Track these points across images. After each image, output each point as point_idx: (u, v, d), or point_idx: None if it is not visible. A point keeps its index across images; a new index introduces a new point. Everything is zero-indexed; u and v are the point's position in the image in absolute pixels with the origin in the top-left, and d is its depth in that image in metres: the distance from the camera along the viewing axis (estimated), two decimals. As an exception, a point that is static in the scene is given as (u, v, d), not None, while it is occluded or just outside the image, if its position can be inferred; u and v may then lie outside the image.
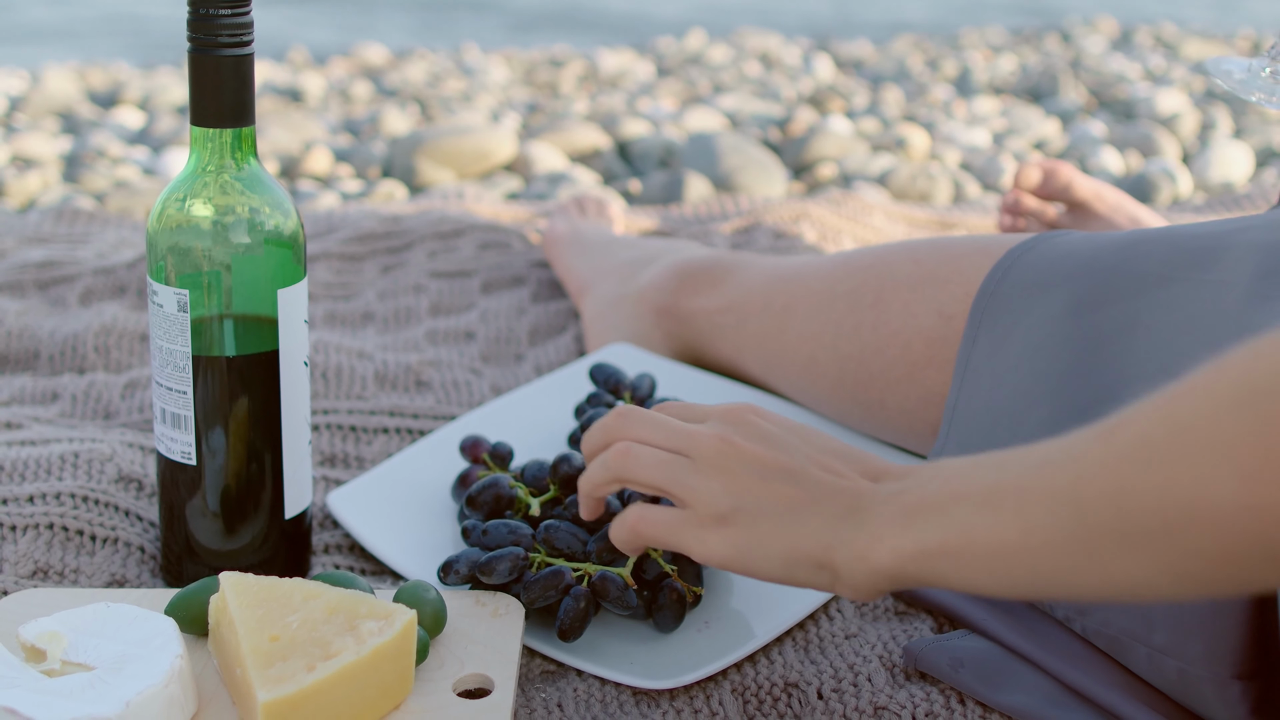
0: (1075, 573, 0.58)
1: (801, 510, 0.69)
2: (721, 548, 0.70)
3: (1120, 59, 3.11)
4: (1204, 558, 0.53)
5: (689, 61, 3.13)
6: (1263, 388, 0.50)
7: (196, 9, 0.83)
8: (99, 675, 0.71)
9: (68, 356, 1.27)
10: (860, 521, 0.67)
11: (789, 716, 0.81)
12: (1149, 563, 0.55)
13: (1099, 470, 0.56)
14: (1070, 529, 0.57)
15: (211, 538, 0.90)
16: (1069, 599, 0.61)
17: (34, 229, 1.64)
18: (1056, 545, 0.58)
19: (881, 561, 0.65)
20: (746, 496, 0.70)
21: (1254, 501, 0.50)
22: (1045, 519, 0.58)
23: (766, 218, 1.64)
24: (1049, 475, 0.59)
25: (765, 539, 0.69)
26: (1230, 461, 0.51)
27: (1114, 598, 0.59)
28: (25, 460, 1.02)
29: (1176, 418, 0.53)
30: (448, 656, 0.79)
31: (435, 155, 2.04)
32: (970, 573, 0.62)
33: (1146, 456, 0.54)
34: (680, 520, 0.72)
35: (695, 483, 0.71)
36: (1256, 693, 0.71)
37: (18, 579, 0.91)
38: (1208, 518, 0.52)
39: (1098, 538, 0.56)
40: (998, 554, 0.61)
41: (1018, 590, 0.62)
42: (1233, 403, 0.51)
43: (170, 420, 0.88)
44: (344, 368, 1.23)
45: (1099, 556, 0.57)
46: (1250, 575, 0.53)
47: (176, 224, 0.86)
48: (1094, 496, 0.56)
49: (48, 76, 2.68)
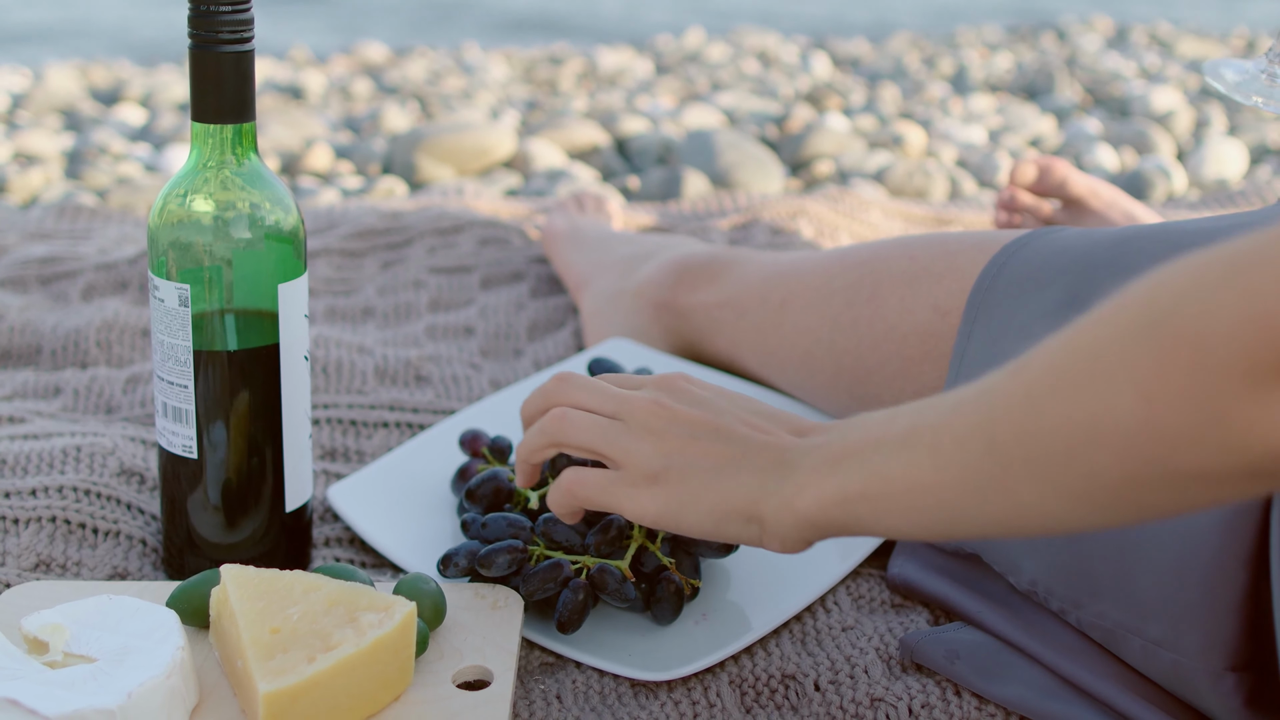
0: (987, 506, 0.60)
1: (730, 466, 0.72)
2: (653, 505, 0.73)
3: (1115, 57, 3.10)
4: (1106, 482, 0.55)
5: (687, 59, 3.13)
6: (1162, 312, 0.52)
7: (198, 6, 0.83)
8: (101, 667, 0.71)
9: (70, 351, 1.27)
10: (786, 473, 0.69)
11: (786, 708, 0.81)
12: (1055, 490, 0.57)
13: (1009, 400, 0.58)
14: (981, 462, 0.59)
15: (213, 531, 0.90)
16: (981, 535, 0.63)
17: (36, 225, 1.64)
18: (968, 479, 0.60)
19: (806, 509, 0.68)
20: (677, 455, 0.73)
21: (1153, 422, 0.52)
22: (958, 454, 0.60)
23: (764, 214, 1.64)
24: (963, 413, 0.61)
25: (695, 495, 0.72)
26: (1131, 383, 0.52)
27: (1024, 530, 0.60)
28: (28, 454, 1.02)
29: (1082, 345, 0.55)
30: (447, 648, 0.79)
31: (435, 152, 2.04)
32: (889, 515, 0.65)
33: (1053, 382, 0.56)
34: (613, 480, 0.75)
35: (628, 444, 0.74)
36: (1250, 685, 0.71)
37: (20, 571, 0.91)
38: (1110, 439, 0.53)
39: (1007, 467, 0.58)
40: (913, 493, 0.63)
41: (935, 530, 0.64)
42: (1134, 327, 0.53)
43: (172, 414, 0.88)
44: (344, 362, 1.23)
45: (1008, 486, 0.58)
46: (1149, 499, 0.54)
47: (178, 219, 0.86)
48: (1004, 426, 0.58)
49: (50, 74, 2.68)
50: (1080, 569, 0.78)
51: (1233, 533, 0.69)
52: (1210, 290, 0.50)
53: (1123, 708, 0.75)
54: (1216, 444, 0.51)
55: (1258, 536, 0.69)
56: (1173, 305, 0.51)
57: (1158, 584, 0.73)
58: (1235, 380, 0.49)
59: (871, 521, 0.66)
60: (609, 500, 0.75)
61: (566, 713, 0.80)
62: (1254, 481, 0.52)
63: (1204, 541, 0.70)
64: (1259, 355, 0.49)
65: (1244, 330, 0.49)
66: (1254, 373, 0.49)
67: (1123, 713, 0.75)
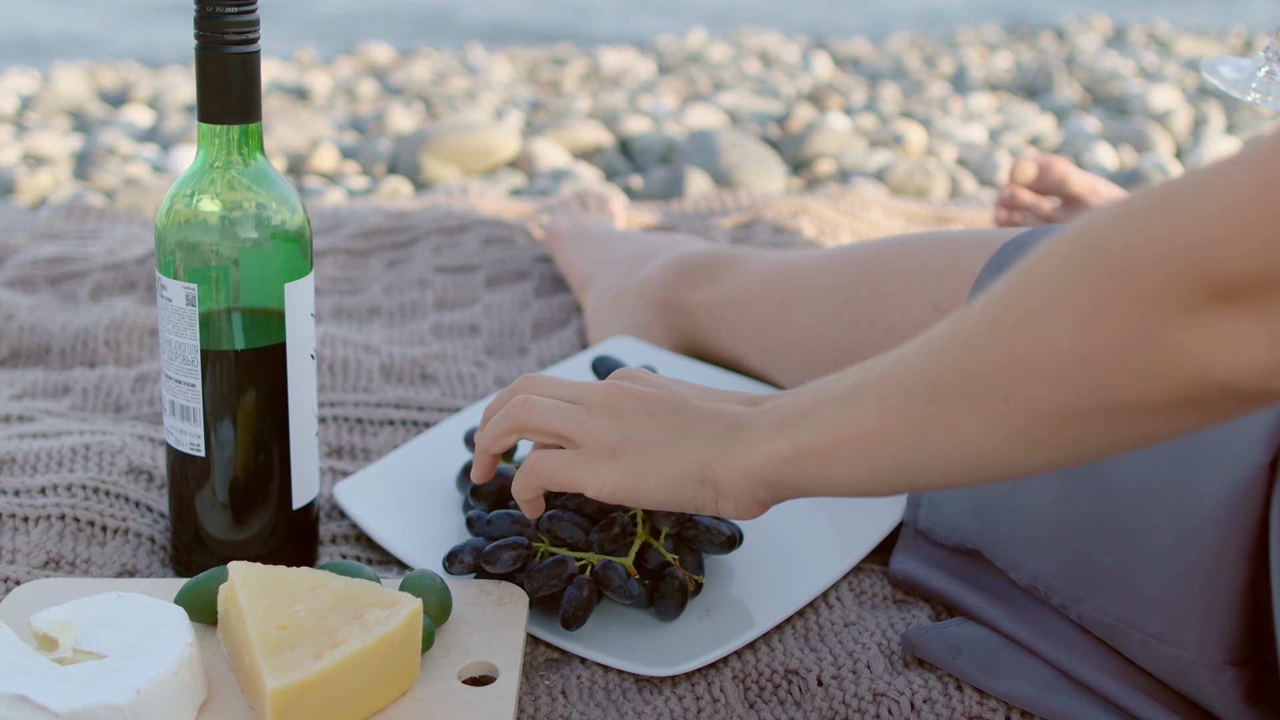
0: (930, 449, 0.61)
1: (684, 433, 0.74)
2: (612, 478, 0.75)
3: (1114, 56, 3.10)
4: (1043, 416, 0.56)
5: (689, 60, 3.13)
6: (1096, 245, 0.53)
7: (204, 7, 0.83)
8: (110, 663, 0.71)
9: (79, 351, 1.27)
10: (739, 436, 0.71)
11: (789, 703, 0.81)
12: (994, 428, 0.58)
13: (951, 342, 0.60)
14: (925, 405, 0.61)
15: (220, 528, 0.90)
16: (926, 484, 0.64)
17: (45, 225, 1.64)
18: (912, 424, 0.62)
19: (758, 468, 0.70)
20: (633, 429, 0.75)
21: (1088, 351, 0.53)
22: (902, 400, 0.62)
23: (766, 213, 1.64)
24: (907, 362, 0.62)
25: (652, 464, 0.74)
26: (1068, 315, 0.53)
27: (967, 474, 0.62)
28: (37, 452, 1.02)
29: (1019, 284, 0.56)
30: (453, 644, 0.79)
31: (440, 152, 2.04)
32: (838, 468, 0.66)
33: (994, 318, 0.57)
34: (574, 457, 0.77)
35: (588, 423, 0.76)
36: (1250, 679, 0.71)
37: (30, 569, 0.91)
38: (1047, 372, 0.55)
39: (950, 408, 0.59)
40: (861, 442, 0.64)
41: (882, 480, 0.65)
42: (1069, 260, 0.54)
43: (179, 413, 0.88)
44: (350, 361, 1.23)
45: (951, 427, 0.60)
46: (1084, 433, 0.56)
47: (185, 219, 0.86)
48: (946, 369, 0.59)
49: (58, 76, 2.68)
50: (1081, 565, 0.78)
51: (1232, 528, 0.69)
52: (1142, 222, 0.52)
53: (1123, 702, 0.75)
54: (1148, 371, 0.52)
55: (1257, 531, 0.69)
56: (1106, 238, 0.53)
57: (1158, 579, 0.73)
58: (1166, 307, 0.51)
59: (822, 476, 0.67)
60: (569, 477, 0.76)
61: (571, 708, 0.80)
62: (1184, 412, 0.53)
63: (1204, 536, 0.70)
64: (1188, 282, 0.50)
65: (1173, 258, 0.50)
66: (1183, 299, 0.50)
67: (1123, 707, 0.75)
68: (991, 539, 0.85)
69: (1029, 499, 0.82)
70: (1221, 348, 0.50)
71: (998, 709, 0.79)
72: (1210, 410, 0.53)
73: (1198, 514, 0.71)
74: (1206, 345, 0.50)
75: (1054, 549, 0.80)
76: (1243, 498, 0.69)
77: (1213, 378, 0.51)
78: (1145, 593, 0.74)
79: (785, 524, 0.95)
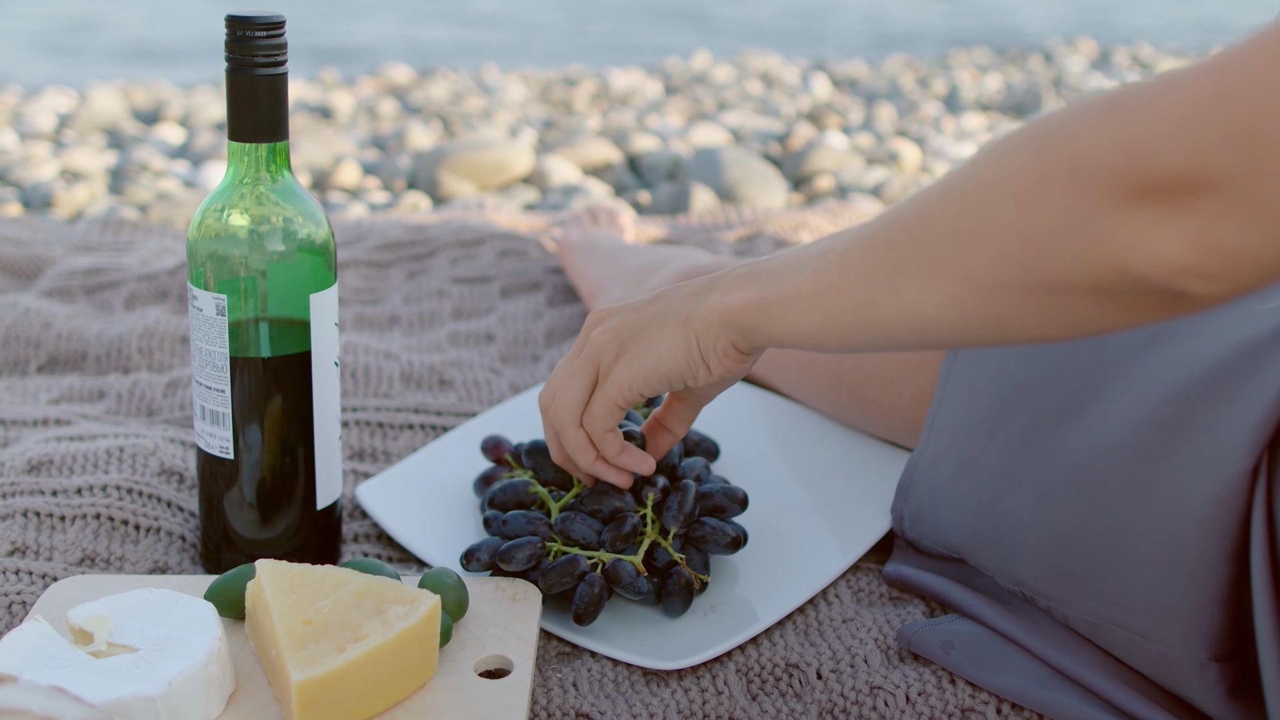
0: (877, 306, 0.65)
1: (668, 307, 0.78)
2: (623, 372, 0.79)
3: (1099, 77, 3.10)
4: (977, 286, 0.59)
5: (695, 80, 3.13)
6: (1048, 133, 0.55)
7: (234, 31, 0.83)
8: (143, 656, 0.71)
9: (113, 357, 1.27)
10: (713, 288, 0.76)
11: (790, 695, 0.81)
12: (934, 292, 0.61)
13: (909, 210, 0.63)
14: (879, 263, 0.64)
15: (248, 527, 0.90)
16: (871, 341, 0.68)
17: (81, 238, 1.64)
18: (865, 278, 0.65)
19: (729, 310, 0.74)
20: (627, 329, 0.80)
21: (1026, 228, 0.55)
22: (862, 259, 0.66)
23: (768, 227, 1.64)
24: (870, 227, 0.66)
25: (648, 344, 0.78)
26: (1013, 192, 0.56)
27: (908, 334, 0.65)
28: (74, 455, 1.02)
29: (978, 161, 0.59)
30: (469, 639, 0.79)
31: (457, 168, 2.04)
32: (800, 316, 0.70)
33: (948, 189, 0.60)
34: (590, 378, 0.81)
35: (594, 350, 0.81)
36: (1233, 674, 0.71)
37: (67, 566, 0.91)
38: (986, 244, 0.57)
39: (899, 267, 0.63)
40: (819, 296, 0.68)
41: (837, 331, 0.68)
42: (1022, 144, 0.56)
43: (209, 417, 0.88)
44: (372, 368, 1.23)
45: (897, 286, 0.63)
46: (1013, 308, 0.58)
47: (215, 233, 0.86)
48: (903, 233, 0.63)
49: (94, 95, 2.68)
50: (1066, 568, 0.78)
51: (1216, 529, 0.69)
52: (1092, 115, 0.53)
53: (1110, 696, 0.75)
54: (1074, 255, 0.54)
55: (1240, 532, 0.68)
56: (1059, 127, 0.55)
57: (1144, 579, 0.73)
58: (1100, 196, 0.53)
59: (784, 324, 0.71)
60: (597, 396, 0.81)
61: (582, 699, 0.80)
62: (1101, 300, 0.55)
63: (1189, 538, 0.70)
64: (1123, 175, 0.52)
65: (1113, 151, 0.52)
66: (1116, 191, 0.52)
67: (1110, 700, 0.75)
68: (974, 548, 0.85)
69: (1011, 509, 0.81)
70: (1143, 242, 0.52)
71: (989, 702, 0.78)
72: (1125, 303, 0.55)
73: (1183, 516, 0.71)
74: (1130, 238, 0.52)
75: (1038, 555, 0.80)
76: (1226, 500, 0.68)
77: (1131, 270, 0.53)
78: (1131, 592, 0.74)
79: (786, 526, 0.95)
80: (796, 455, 1.04)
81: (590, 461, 0.84)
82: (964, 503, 0.85)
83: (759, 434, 1.06)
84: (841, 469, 1.01)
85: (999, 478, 0.83)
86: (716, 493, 0.90)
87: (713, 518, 0.89)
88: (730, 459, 1.03)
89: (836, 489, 0.99)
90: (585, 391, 0.82)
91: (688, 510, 0.87)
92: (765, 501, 0.97)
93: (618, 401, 0.81)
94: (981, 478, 0.84)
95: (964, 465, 0.86)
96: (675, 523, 0.87)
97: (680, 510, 0.87)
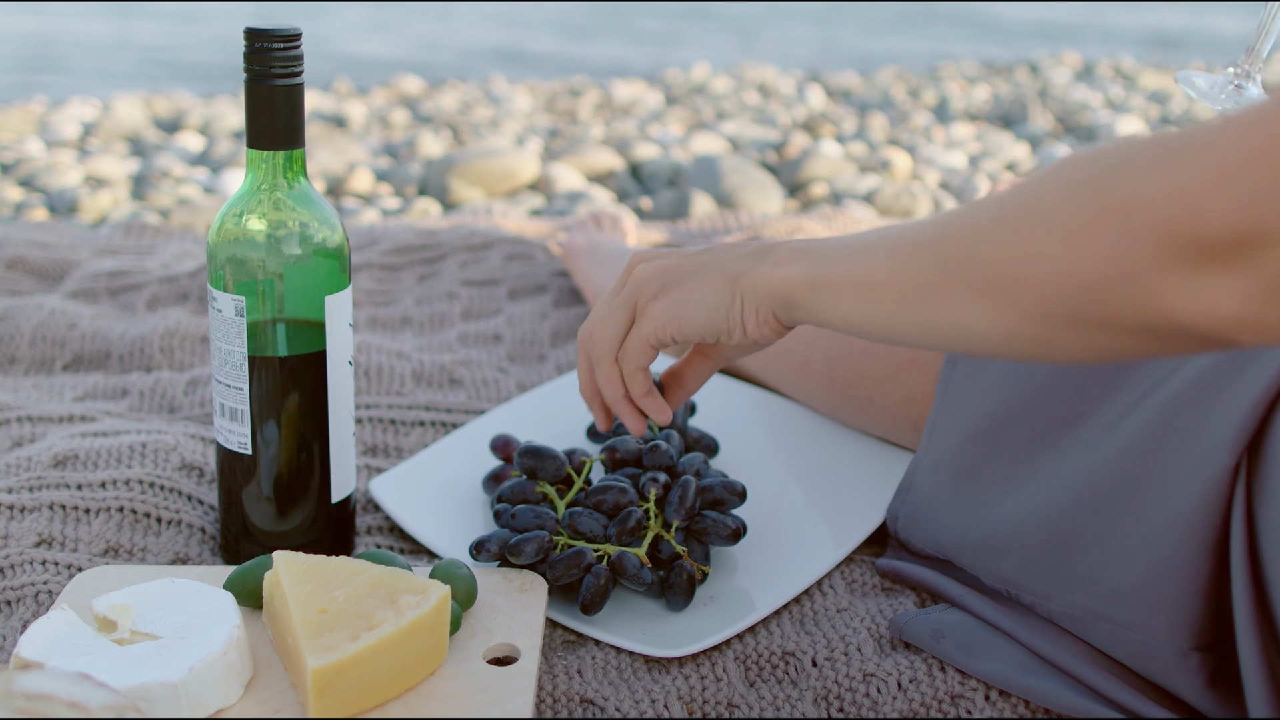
0: (928, 312, 0.63)
1: (720, 260, 0.77)
2: (660, 310, 0.78)
3: (1084, 89, 3.10)
4: (1027, 316, 0.57)
5: (694, 91, 3.13)
6: (1099, 175, 0.53)
7: (253, 44, 0.83)
8: (164, 644, 0.71)
9: (136, 356, 1.27)
10: (765, 256, 0.74)
11: (786, 682, 0.81)
12: (984, 312, 0.60)
13: (961, 227, 0.61)
14: (929, 273, 0.62)
15: (265, 520, 0.90)
16: (913, 339, 0.66)
17: (105, 242, 1.64)
18: (916, 285, 0.63)
19: (778, 283, 0.73)
20: (672, 271, 0.78)
21: (1071, 268, 0.54)
22: (911, 262, 0.64)
23: (765, 231, 1.64)
24: (921, 231, 0.64)
25: (691, 291, 0.77)
26: (1061, 233, 0.54)
27: (947, 339, 0.63)
28: (98, 450, 1.02)
29: (1029, 192, 0.57)
30: (478, 628, 0.79)
31: (466, 175, 2.04)
32: (846, 303, 0.68)
33: (999, 217, 0.58)
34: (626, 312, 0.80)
35: (635, 285, 0.79)
36: (1213, 663, 0.71)
37: (91, 557, 0.91)
38: (1033, 282, 0.56)
39: (950, 283, 0.61)
40: (869, 288, 0.67)
41: (881, 323, 0.67)
42: (1073, 184, 0.54)
43: (228, 414, 0.88)
44: (384, 367, 1.23)
45: (949, 300, 0.61)
46: (1057, 337, 0.57)
47: (234, 237, 0.86)
48: (953, 247, 0.61)
49: (117, 105, 2.68)
50: (1053, 564, 0.78)
51: (1199, 525, 0.69)
52: (1145, 165, 0.52)
53: (1094, 683, 0.75)
54: (1123, 299, 0.53)
55: (1221, 528, 0.68)
56: (1109, 170, 0.53)
57: (1130, 573, 0.73)
58: (1152, 246, 0.51)
59: (828, 307, 0.70)
60: (632, 333, 0.80)
61: (586, 686, 0.80)
62: (1148, 339, 0.54)
63: (1173, 533, 0.70)
64: (1176, 230, 0.50)
65: (1168, 205, 0.50)
66: (1168, 244, 0.50)
67: (1094, 688, 0.75)
68: (962, 550, 0.85)
69: (1006, 514, 0.81)
70: (1193, 296, 0.50)
71: (978, 689, 0.78)
72: (1171, 343, 0.54)
73: (1168, 513, 0.71)
74: (1180, 291, 0.51)
75: (1027, 553, 0.80)
76: (1210, 498, 0.68)
77: (1180, 320, 0.51)
78: (1117, 586, 0.74)
79: (783, 519, 0.95)
80: (792, 452, 1.04)
81: (618, 397, 0.83)
82: (960, 509, 0.85)
83: (756, 431, 1.06)
84: (836, 465, 1.01)
85: (998, 486, 0.83)
86: (716, 486, 0.90)
87: (713, 510, 0.89)
88: (728, 455, 1.03)
89: (831, 484, 0.99)
90: (624, 325, 0.81)
91: (689, 504, 0.87)
92: (762, 496, 0.97)
93: (650, 341, 0.79)
94: (981, 486, 0.84)
95: (964, 473, 0.86)
96: (677, 516, 0.87)
97: (682, 504, 0.87)
